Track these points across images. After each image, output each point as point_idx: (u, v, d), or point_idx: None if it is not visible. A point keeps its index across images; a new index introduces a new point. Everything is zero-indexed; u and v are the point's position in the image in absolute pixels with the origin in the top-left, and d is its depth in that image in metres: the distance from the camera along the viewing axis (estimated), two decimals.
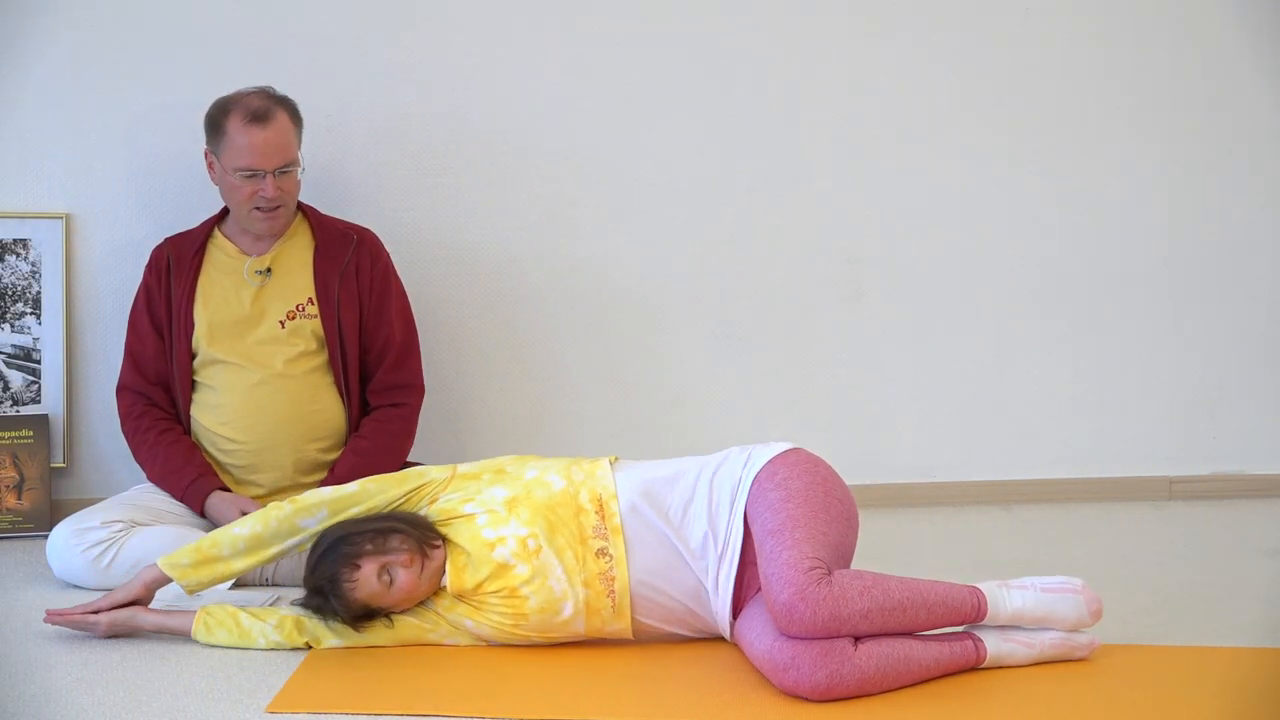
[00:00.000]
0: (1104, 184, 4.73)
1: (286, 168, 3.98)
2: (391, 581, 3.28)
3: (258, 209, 3.99)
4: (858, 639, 3.08)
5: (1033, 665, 3.21)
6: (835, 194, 4.65)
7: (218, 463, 4.04)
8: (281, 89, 4.08)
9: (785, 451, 3.35)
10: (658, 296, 4.63)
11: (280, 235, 4.09)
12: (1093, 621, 3.24)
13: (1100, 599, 3.26)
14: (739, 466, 3.35)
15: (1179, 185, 4.75)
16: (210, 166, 4.04)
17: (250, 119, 3.93)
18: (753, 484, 3.30)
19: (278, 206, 4.00)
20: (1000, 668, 3.20)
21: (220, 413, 4.02)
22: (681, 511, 3.33)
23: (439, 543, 3.32)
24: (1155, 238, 4.76)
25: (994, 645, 3.18)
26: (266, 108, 3.95)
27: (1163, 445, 4.80)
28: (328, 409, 4.05)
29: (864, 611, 3.05)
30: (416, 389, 4.16)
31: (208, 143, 4.03)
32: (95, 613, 3.38)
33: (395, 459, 4.06)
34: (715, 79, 4.59)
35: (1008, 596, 3.19)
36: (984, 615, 3.18)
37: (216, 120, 3.99)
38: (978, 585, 3.21)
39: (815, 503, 3.21)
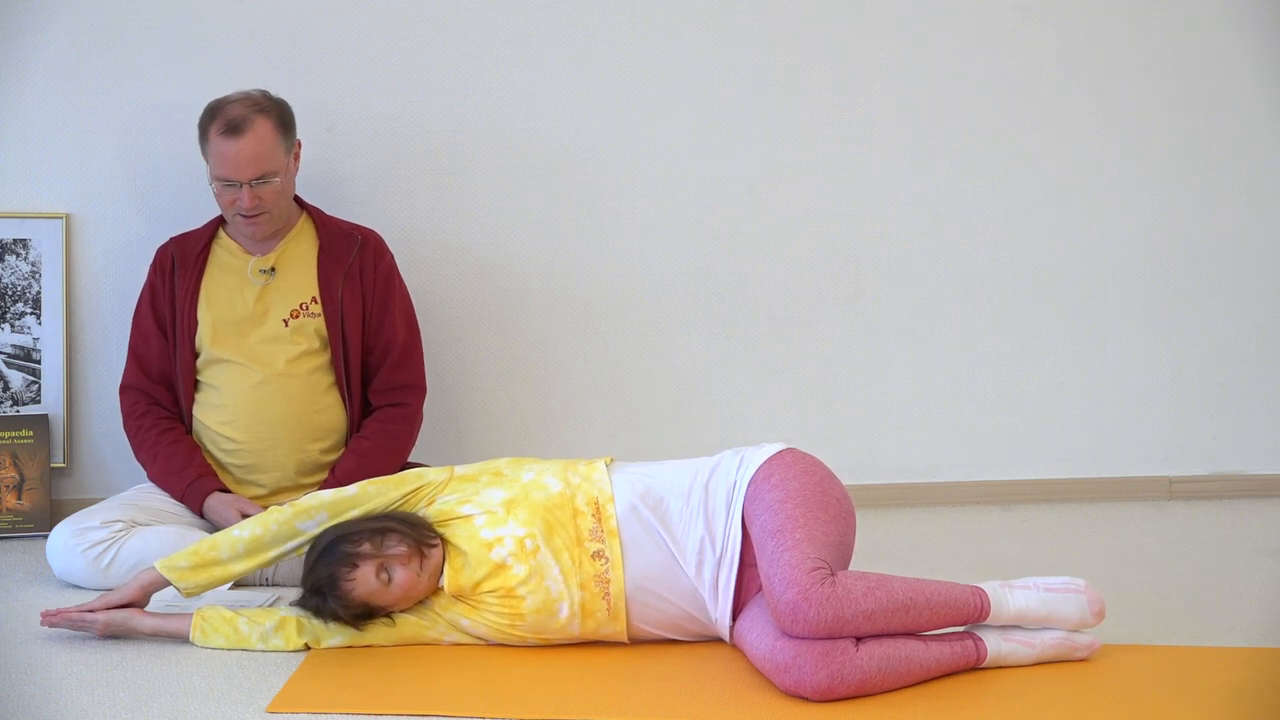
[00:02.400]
0: (1104, 184, 4.73)
1: (263, 178, 3.94)
2: (390, 580, 3.28)
3: (240, 215, 3.98)
4: (859, 639, 3.08)
5: (1033, 665, 3.21)
6: (835, 194, 4.65)
7: (219, 463, 4.04)
8: (281, 89, 4.08)
9: (779, 452, 3.35)
10: (658, 296, 4.63)
11: (268, 240, 4.07)
12: (1095, 622, 3.24)
13: (1103, 599, 3.26)
14: (733, 469, 3.35)
15: (1179, 185, 4.75)
16: (212, 188, 4.03)
17: (225, 130, 3.91)
18: (748, 486, 3.30)
19: (259, 214, 3.98)
20: (1001, 667, 3.20)
21: (222, 412, 4.02)
22: (677, 516, 3.33)
23: (436, 541, 3.33)
24: (1155, 238, 4.76)
25: (995, 645, 3.18)
26: (244, 118, 3.92)
27: (1163, 445, 4.80)
28: (329, 409, 4.05)
29: (868, 612, 3.05)
30: (418, 389, 4.16)
31: (200, 147, 4.02)
32: (91, 612, 3.38)
33: (396, 459, 4.06)
34: (715, 79, 4.59)
35: (1010, 596, 3.20)
36: (987, 615, 3.18)
37: (202, 125, 3.98)
38: (980, 585, 3.21)
39: (813, 502, 3.21)
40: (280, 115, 4.00)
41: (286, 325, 4.04)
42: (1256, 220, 4.78)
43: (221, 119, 3.93)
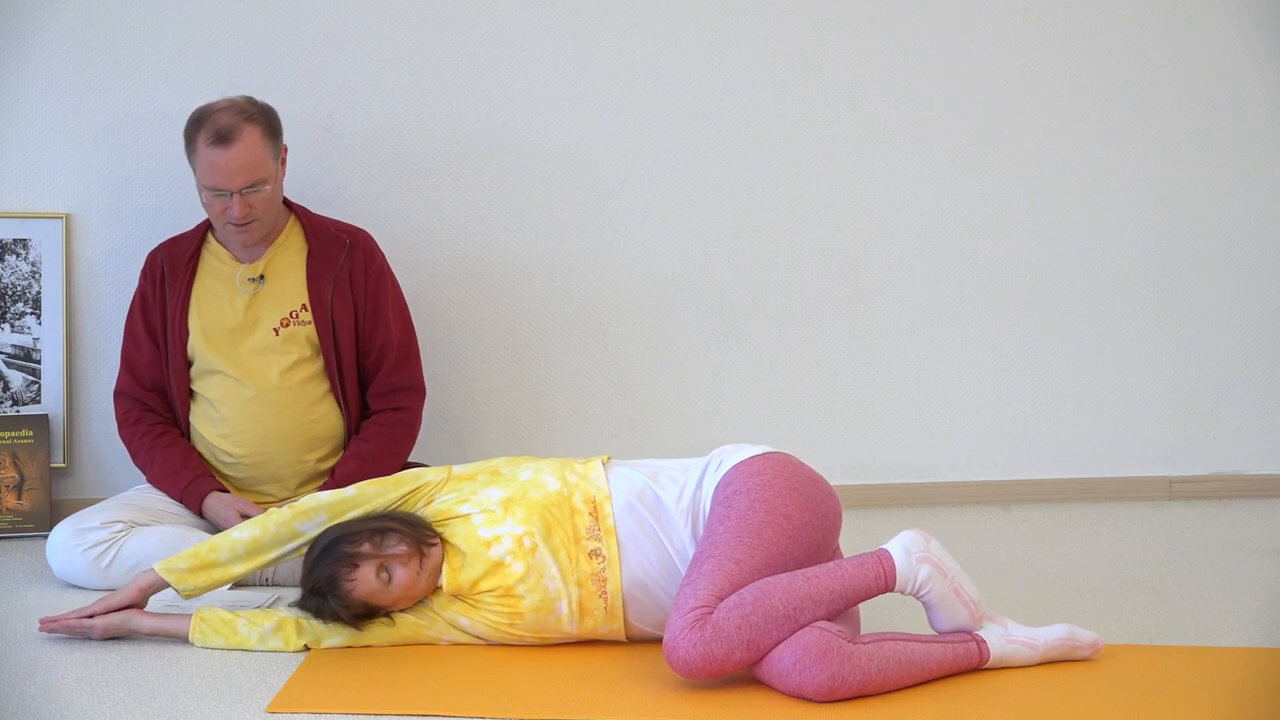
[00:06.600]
0: (1104, 183, 4.73)
1: (254, 186, 3.91)
2: (390, 579, 3.28)
3: (230, 225, 3.96)
4: (861, 640, 3.09)
5: (1036, 666, 3.21)
6: (835, 194, 4.65)
7: (220, 474, 4.03)
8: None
9: (748, 459, 3.33)
10: (658, 296, 4.63)
11: (259, 245, 4.04)
12: (974, 625, 3.19)
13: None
14: (714, 470, 3.36)
15: (1178, 185, 4.75)
16: (200, 198, 4.01)
17: (214, 139, 3.86)
18: (714, 491, 3.31)
19: (249, 222, 3.96)
20: (1004, 668, 3.19)
21: (219, 425, 4.01)
22: (671, 516, 3.34)
23: (435, 540, 3.33)
24: (1155, 237, 4.76)
25: (998, 646, 3.18)
26: (232, 127, 3.87)
27: (1163, 445, 4.80)
28: (326, 418, 4.04)
29: (746, 641, 3.05)
30: (417, 391, 4.15)
31: (187, 157, 4.00)
32: (90, 616, 3.38)
33: (396, 462, 4.05)
34: (715, 79, 4.59)
35: (918, 569, 3.16)
36: (893, 584, 3.16)
37: (189, 135, 3.93)
38: (885, 547, 3.18)
39: (748, 526, 3.18)
40: (268, 122, 3.96)
41: (277, 334, 4.02)
42: (1256, 220, 4.78)
43: (209, 128, 3.88)
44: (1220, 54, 4.70)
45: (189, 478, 3.97)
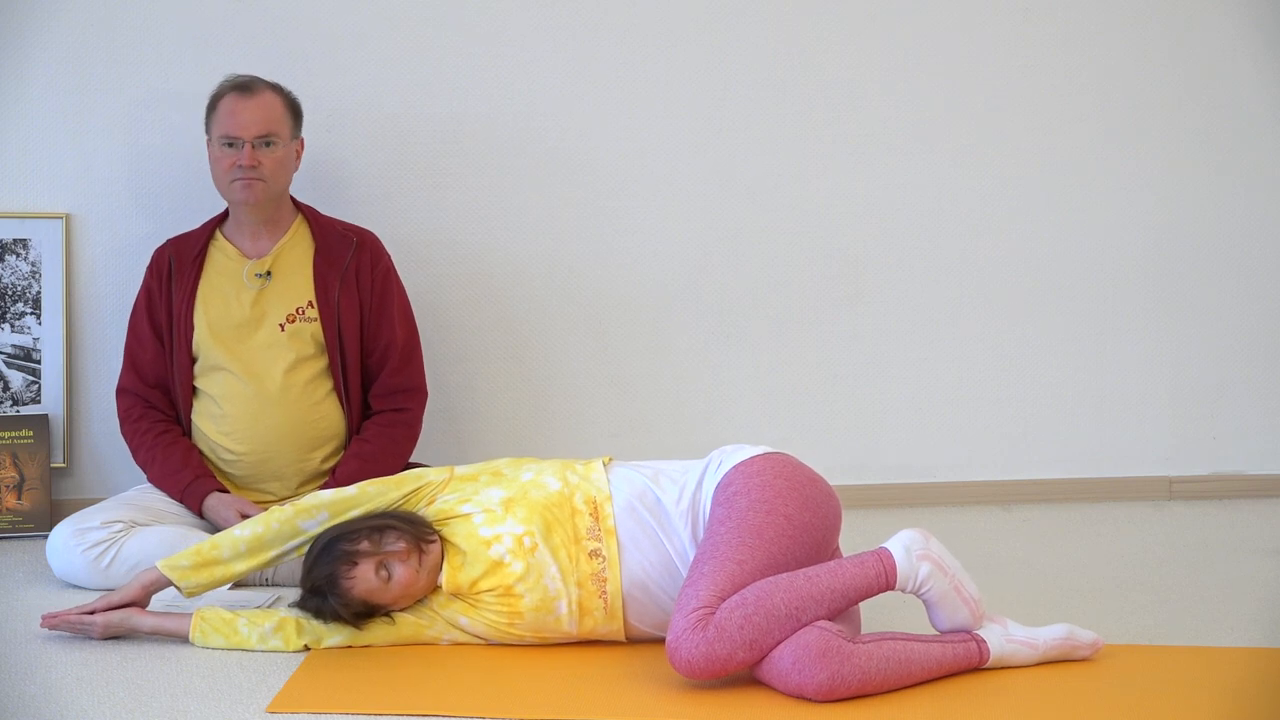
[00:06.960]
0: (1104, 184, 4.74)
1: (267, 138, 3.96)
2: (389, 577, 3.28)
3: (237, 180, 3.96)
4: (861, 639, 3.09)
5: (1036, 666, 3.21)
6: (835, 194, 4.65)
7: (220, 471, 4.03)
8: None
9: (748, 459, 3.33)
10: (658, 296, 4.63)
11: (265, 237, 4.05)
12: (975, 624, 3.20)
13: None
14: (714, 471, 3.36)
15: (1178, 185, 4.75)
16: (210, 157, 4.04)
17: (236, 89, 3.98)
18: (714, 492, 3.31)
19: (256, 178, 3.96)
20: (1004, 668, 3.19)
21: (221, 423, 4.01)
22: (671, 517, 3.34)
23: (434, 537, 3.33)
24: (1155, 238, 4.76)
25: (997, 646, 3.18)
26: (253, 81, 4.00)
27: (1163, 445, 4.80)
28: (328, 417, 4.04)
29: (749, 641, 3.05)
30: (419, 392, 4.15)
31: (205, 127, 4.04)
32: (91, 613, 3.38)
33: (397, 463, 4.06)
34: (715, 79, 4.59)
35: (918, 567, 3.17)
36: (894, 582, 3.16)
37: (212, 100, 4.03)
38: (885, 546, 3.18)
39: (749, 526, 3.19)
40: (290, 99, 4.06)
41: (283, 330, 4.03)
42: (1256, 220, 4.78)
43: (233, 83, 4.00)
44: (1220, 54, 4.71)
45: (189, 477, 3.97)
